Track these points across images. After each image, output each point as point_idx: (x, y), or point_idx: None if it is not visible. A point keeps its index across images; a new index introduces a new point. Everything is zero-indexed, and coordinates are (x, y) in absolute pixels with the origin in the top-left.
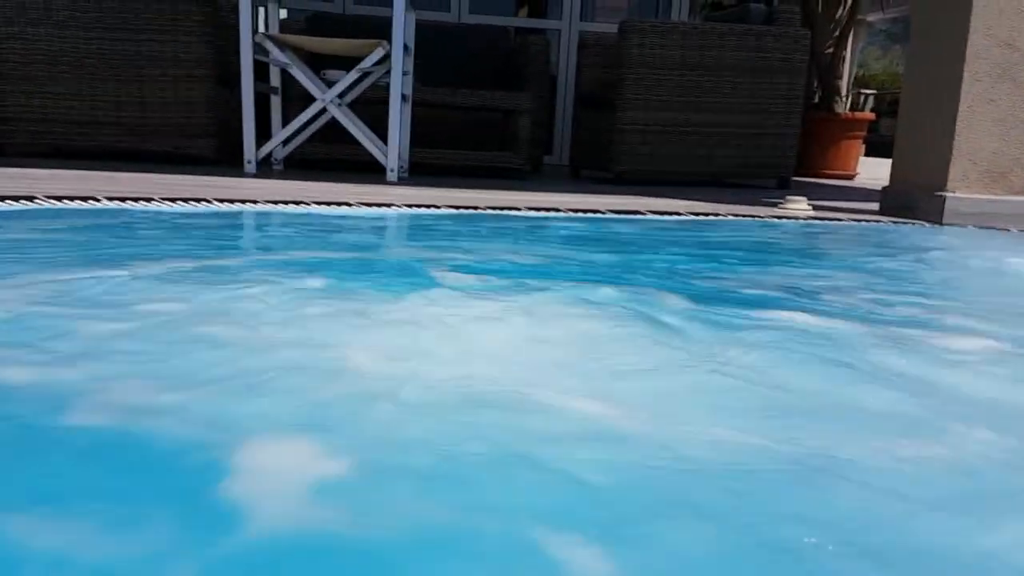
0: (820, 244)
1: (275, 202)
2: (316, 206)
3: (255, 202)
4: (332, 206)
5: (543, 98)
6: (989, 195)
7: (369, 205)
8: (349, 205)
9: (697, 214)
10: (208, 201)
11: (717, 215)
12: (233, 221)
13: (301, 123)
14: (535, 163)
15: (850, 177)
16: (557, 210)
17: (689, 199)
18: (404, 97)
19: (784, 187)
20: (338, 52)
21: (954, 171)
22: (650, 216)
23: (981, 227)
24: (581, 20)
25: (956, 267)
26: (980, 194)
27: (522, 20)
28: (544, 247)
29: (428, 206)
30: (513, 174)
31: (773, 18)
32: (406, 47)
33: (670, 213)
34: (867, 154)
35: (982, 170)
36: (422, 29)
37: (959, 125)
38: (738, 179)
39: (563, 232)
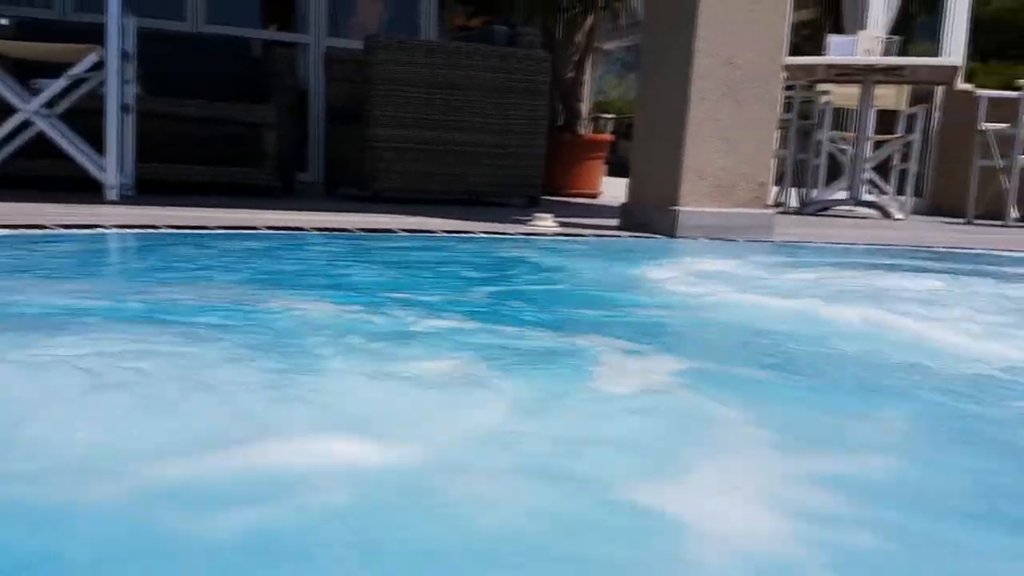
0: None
1: None
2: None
3: None
4: (21, 229)
5: (289, 112)
6: (717, 208)
7: (69, 227)
8: (43, 228)
9: (450, 232)
10: None
11: (470, 232)
12: None
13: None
14: (287, 181)
15: (594, 195)
16: (301, 229)
17: (445, 217)
18: (126, 107)
19: (534, 205)
20: (43, 57)
21: (684, 186)
22: (402, 234)
23: (712, 238)
24: (330, 35)
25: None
26: (709, 207)
27: (267, 32)
28: (237, 270)
29: (145, 227)
30: (262, 192)
31: (516, 40)
32: (126, 54)
33: (423, 231)
34: (609, 174)
35: (710, 185)
36: (155, 37)
37: (687, 143)
38: (493, 197)
39: (280, 252)
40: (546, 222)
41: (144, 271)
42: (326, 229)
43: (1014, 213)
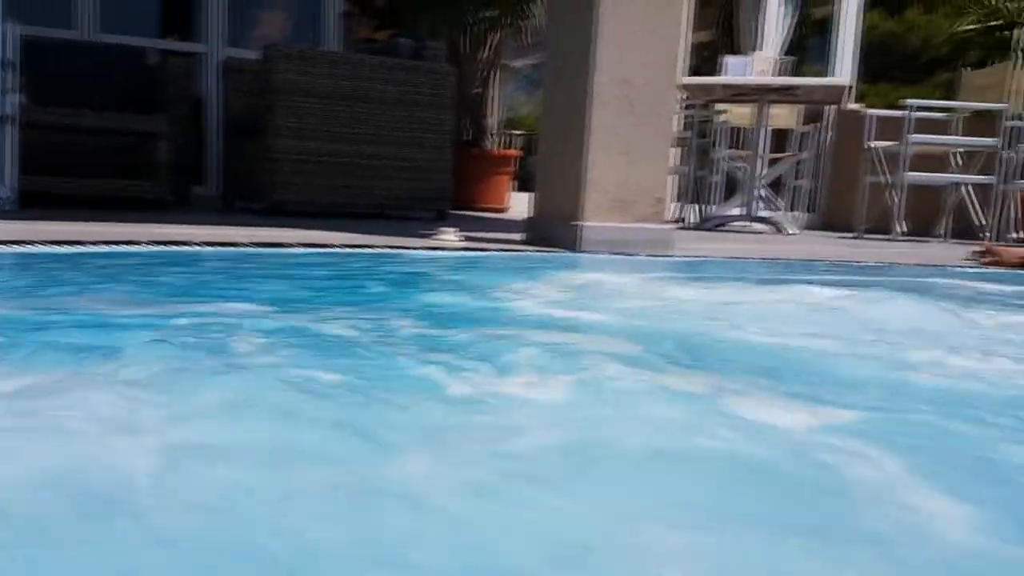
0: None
1: None
2: None
3: None
4: None
5: (184, 122)
6: (619, 223)
7: None
8: None
9: (350, 246)
10: None
11: (372, 247)
12: None
13: None
14: (181, 193)
15: (502, 210)
16: (188, 243)
17: (349, 231)
18: (5, 118)
19: (442, 219)
20: None
21: (587, 201)
22: (298, 249)
23: (614, 253)
24: (229, 45)
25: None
26: (611, 222)
27: (163, 42)
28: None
29: (12, 242)
30: (155, 204)
31: (421, 54)
32: (7, 62)
33: (322, 245)
34: (518, 189)
35: (611, 200)
36: (41, 46)
37: (589, 158)
38: (399, 211)
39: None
40: (449, 236)
41: None
42: (216, 243)
43: (900, 227)
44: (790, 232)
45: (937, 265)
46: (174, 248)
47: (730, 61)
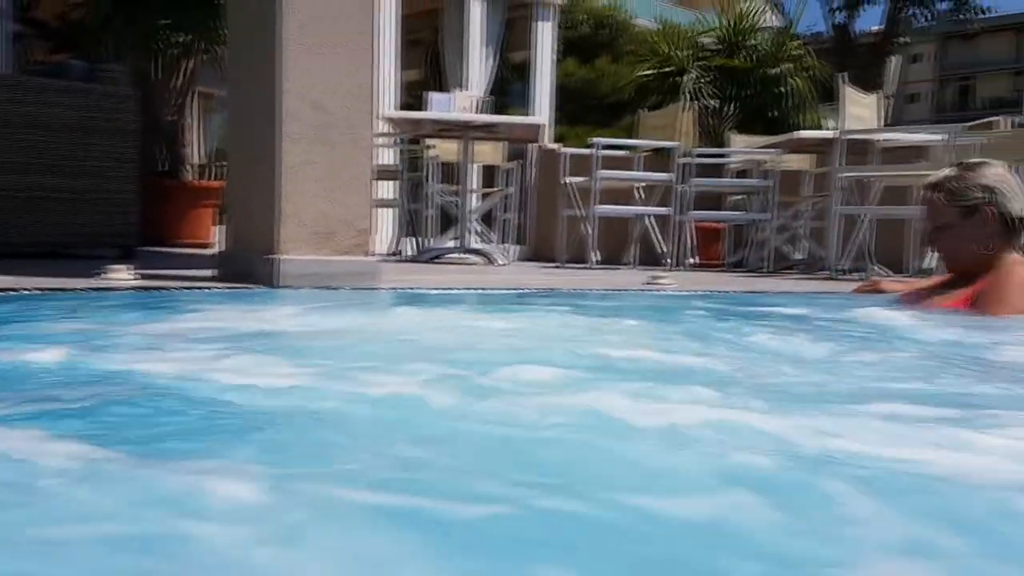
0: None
1: None
2: None
3: None
4: None
5: None
6: (319, 255)
7: None
8: None
9: None
10: None
11: (17, 290)
12: None
13: None
14: None
15: (205, 245)
16: None
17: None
18: None
19: (129, 257)
20: None
21: (283, 233)
22: None
23: (317, 287)
24: None
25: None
26: (311, 255)
27: None
28: None
29: None
30: None
31: (96, 76)
32: None
33: None
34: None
35: (311, 231)
36: None
37: (283, 188)
38: (77, 249)
39: None
40: (121, 275)
41: None
42: None
43: (596, 256)
44: (500, 263)
45: (620, 289)
46: None
47: (434, 97)
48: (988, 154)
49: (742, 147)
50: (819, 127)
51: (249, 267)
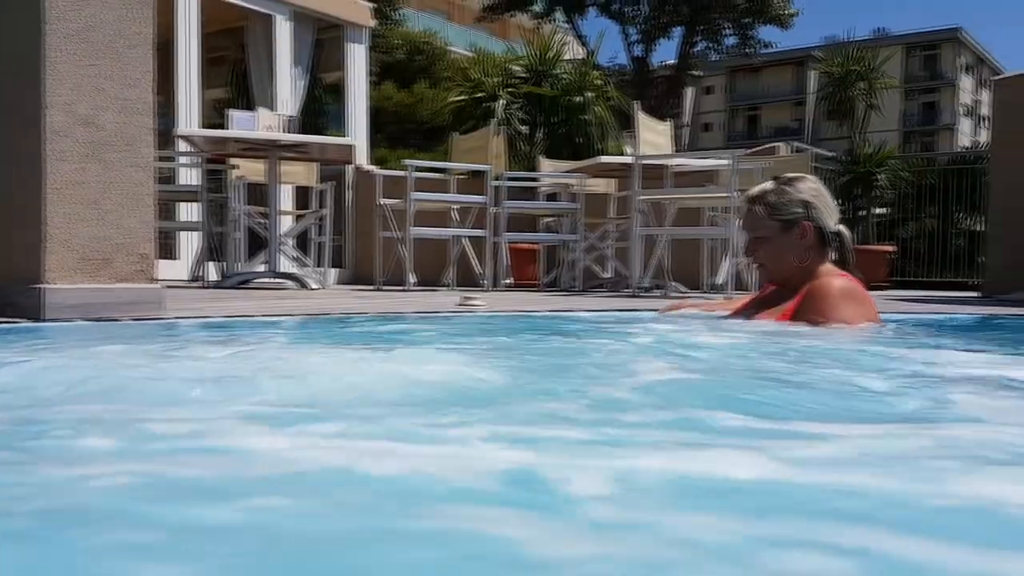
0: None
1: None
2: None
3: None
4: None
5: None
6: (95, 284)
7: None
8: None
9: None
10: None
11: None
12: None
13: None
14: None
15: None
16: None
17: None
18: None
19: None
20: None
21: (50, 261)
22: None
23: (90, 319)
24: None
25: None
26: (84, 283)
27: None
28: None
29: None
30: None
31: None
32: None
33: None
34: None
35: (82, 257)
36: None
37: (49, 210)
38: None
39: None
40: None
41: None
42: None
43: (413, 278)
44: (313, 287)
45: (433, 312)
46: None
47: (236, 116)
48: (769, 177)
49: (550, 171)
50: (621, 153)
51: (10, 298)
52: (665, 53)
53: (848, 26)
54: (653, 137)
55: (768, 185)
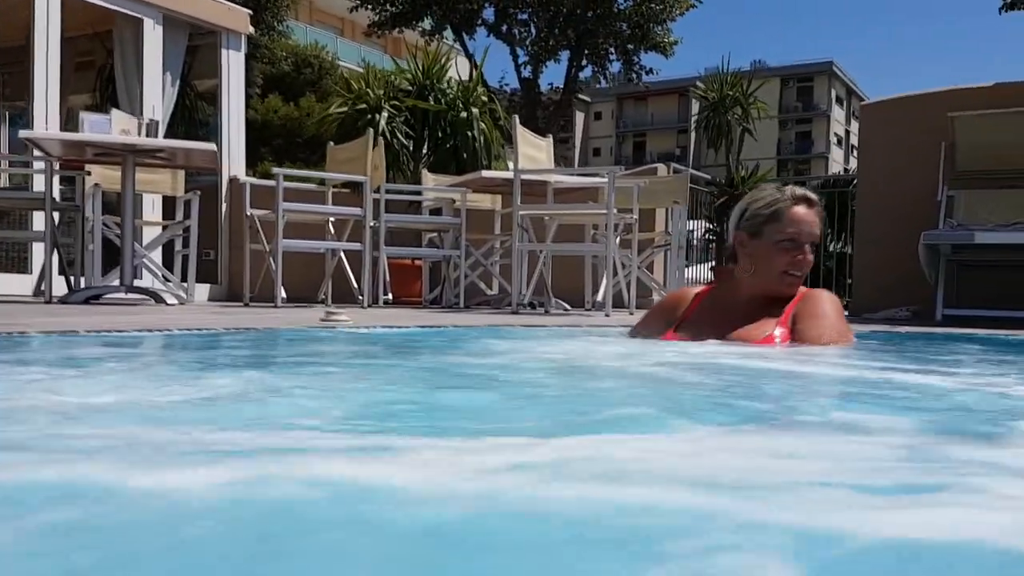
0: None
1: None
2: None
3: None
4: None
5: None
6: None
7: None
8: None
9: None
10: None
11: None
12: None
13: None
14: None
15: None
16: None
17: None
18: None
19: None
20: None
21: None
22: None
23: None
24: None
25: None
26: None
27: None
28: None
29: None
30: None
31: None
32: None
33: None
34: None
35: None
36: None
37: None
38: None
39: None
40: None
41: None
42: None
43: (283, 294)
44: (171, 303)
45: (291, 327)
46: None
47: (88, 119)
48: (649, 196)
49: (432, 185)
50: (507, 170)
51: None
52: (554, 76)
53: (727, 57)
54: (534, 152)
55: (807, 190)
